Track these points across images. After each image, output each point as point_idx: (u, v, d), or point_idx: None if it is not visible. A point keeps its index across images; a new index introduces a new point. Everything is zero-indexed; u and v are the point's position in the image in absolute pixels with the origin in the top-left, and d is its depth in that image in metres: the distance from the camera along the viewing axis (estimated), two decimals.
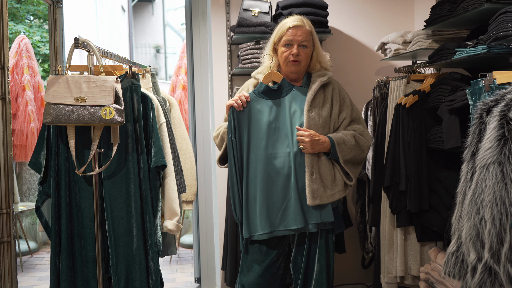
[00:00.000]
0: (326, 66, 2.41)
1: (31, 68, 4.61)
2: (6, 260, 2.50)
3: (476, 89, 1.96)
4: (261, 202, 2.26)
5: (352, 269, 3.60)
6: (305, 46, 2.31)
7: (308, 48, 2.32)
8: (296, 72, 2.34)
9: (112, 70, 2.48)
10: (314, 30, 2.37)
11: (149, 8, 14.17)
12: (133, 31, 11.79)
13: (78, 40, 2.29)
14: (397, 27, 3.56)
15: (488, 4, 2.14)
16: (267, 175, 2.26)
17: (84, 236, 2.36)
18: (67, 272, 2.34)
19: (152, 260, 2.37)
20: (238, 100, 2.28)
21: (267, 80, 2.32)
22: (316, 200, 2.23)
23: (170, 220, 2.40)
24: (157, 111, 2.43)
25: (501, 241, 1.58)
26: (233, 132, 2.27)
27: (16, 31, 5.43)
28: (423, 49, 2.78)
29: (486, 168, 1.64)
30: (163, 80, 12.71)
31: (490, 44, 2.07)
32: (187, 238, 4.94)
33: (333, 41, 3.51)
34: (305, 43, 2.30)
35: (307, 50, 2.32)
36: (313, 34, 2.35)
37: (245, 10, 3.14)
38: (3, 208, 2.50)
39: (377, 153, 2.94)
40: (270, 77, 2.32)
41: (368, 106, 3.28)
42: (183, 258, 4.61)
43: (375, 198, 2.90)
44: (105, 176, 2.33)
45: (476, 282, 1.63)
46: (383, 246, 2.81)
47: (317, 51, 2.37)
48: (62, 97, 2.21)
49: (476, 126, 1.76)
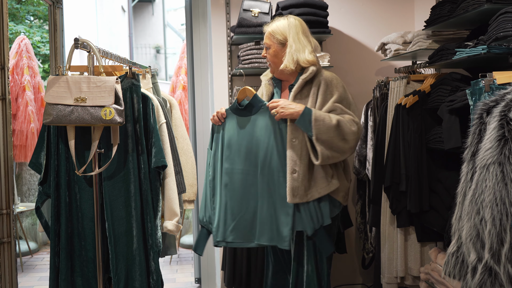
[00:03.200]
0: (308, 61, 2.33)
1: (31, 69, 4.61)
2: (6, 261, 2.50)
3: (476, 90, 1.96)
4: (230, 212, 2.35)
5: (353, 269, 3.60)
6: (268, 48, 2.40)
7: (271, 49, 2.38)
8: (273, 73, 2.45)
9: (112, 71, 2.48)
10: (283, 28, 2.35)
11: (149, 9, 14.18)
12: (133, 31, 11.80)
13: (78, 41, 2.29)
14: (397, 27, 3.57)
15: (488, 5, 2.14)
16: (232, 188, 2.35)
17: (84, 236, 2.36)
18: (67, 272, 2.34)
19: (153, 260, 2.37)
20: (215, 116, 2.40)
21: (242, 97, 2.41)
22: (295, 198, 2.22)
23: (170, 220, 2.40)
24: (157, 112, 2.43)
25: (501, 242, 1.58)
26: (210, 143, 2.47)
27: (16, 31, 5.43)
28: (423, 49, 2.78)
29: (486, 168, 1.64)
30: (163, 80, 12.71)
31: (490, 45, 2.07)
32: (187, 239, 4.94)
33: (333, 41, 3.51)
34: (267, 45, 2.40)
35: (270, 51, 2.39)
36: (279, 33, 2.35)
37: (245, 10, 3.14)
38: (3, 209, 2.50)
39: (377, 154, 2.94)
40: (244, 93, 2.40)
41: (368, 107, 3.28)
42: (183, 258, 4.61)
43: (375, 199, 2.90)
44: (105, 176, 2.33)
45: (476, 282, 1.63)
46: (383, 247, 2.81)
47: (290, 48, 2.33)
48: (62, 97, 2.21)
49: (476, 127, 1.76)
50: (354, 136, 2.24)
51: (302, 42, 2.34)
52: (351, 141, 2.24)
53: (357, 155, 3.30)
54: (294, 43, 2.33)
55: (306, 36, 2.38)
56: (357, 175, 3.33)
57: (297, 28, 2.36)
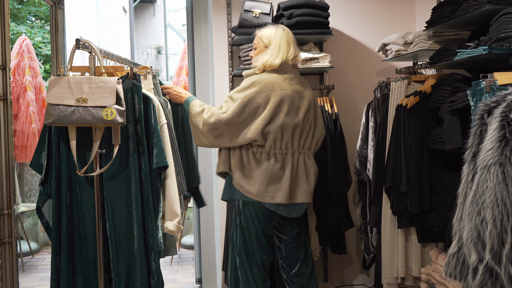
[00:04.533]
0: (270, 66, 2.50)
1: (33, 69, 4.61)
2: (8, 261, 2.51)
3: (477, 90, 1.96)
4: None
5: (353, 270, 3.60)
6: (255, 49, 2.64)
7: (257, 50, 2.62)
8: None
9: (114, 71, 2.48)
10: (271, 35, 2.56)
11: (150, 9, 14.18)
12: (134, 32, 11.81)
13: (80, 41, 2.29)
14: (398, 28, 3.56)
15: (489, 5, 2.14)
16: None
17: (85, 237, 2.36)
18: (68, 272, 2.34)
19: (154, 261, 2.37)
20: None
21: None
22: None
23: (171, 221, 2.40)
24: (158, 112, 2.43)
25: (502, 242, 1.58)
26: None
27: (17, 32, 5.44)
28: (424, 50, 2.77)
29: (487, 169, 1.64)
30: (164, 81, 12.71)
31: (491, 45, 2.07)
32: (188, 239, 4.94)
33: (334, 42, 3.51)
34: (255, 45, 2.65)
35: (256, 51, 2.63)
36: (266, 38, 2.57)
37: (246, 11, 3.14)
38: (5, 209, 2.50)
39: (378, 154, 2.94)
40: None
41: (369, 107, 3.28)
42: (184, 259, 4.61)
43: (376, 199, 2.90)
44: (106, 177, 2.34)
45: (477, 283, 1.63)
46: (384, 247, 2.81)
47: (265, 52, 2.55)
48: (64, 98, 2.22)
49: (477, 127, 1.76)
50: (203, 123, 2.47)
51: (281, 50, 2.52)
52: (200, 125, 2.49)
53: (358, 155, 3.30)
54: (271, 50, 2.53)
55: (288, 45, 2.55)
56: (358, 176, 3.33)
57: (282, 36, 2.55)
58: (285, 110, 2.47)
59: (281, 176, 2.49)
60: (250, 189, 2.47)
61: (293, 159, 2.52)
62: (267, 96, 2.45)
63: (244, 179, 2.49)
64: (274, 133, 2.45)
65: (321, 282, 3.52)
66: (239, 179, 2.49)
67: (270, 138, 2.46)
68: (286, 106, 2.47)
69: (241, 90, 2.48)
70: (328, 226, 3.09)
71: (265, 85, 2.46)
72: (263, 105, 2.44)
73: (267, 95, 2.45)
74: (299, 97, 2.52)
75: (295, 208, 2.56)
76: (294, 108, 2.50)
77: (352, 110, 3.56)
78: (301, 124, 2.52)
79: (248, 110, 2.44)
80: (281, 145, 2.49)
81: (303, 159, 2.56)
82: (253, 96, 2.44)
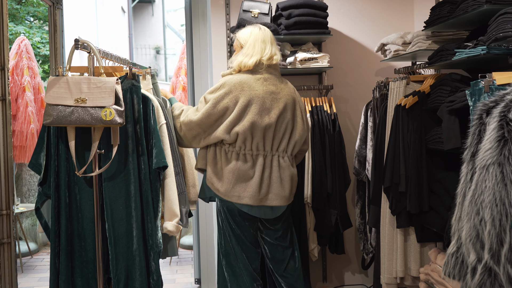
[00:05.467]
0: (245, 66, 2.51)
1: (31, 69, 4.61)
2: (6, 261, 2.51)
3: (476, 90, 1.96)
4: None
5: (352, 270, 3.60)
6: (235, 50, 2.67)
7: (236, 50, 2.64)
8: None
9: (112, 71, 2.48)
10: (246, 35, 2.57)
11: (149, 9, 14.18)
12: (133, 32, 11.80)
13: (79, 41, 2.29)
14: (396, 28, 3.57)
15: (487, 5, 2.14)
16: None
17: (84, 237, 2.36)
18: (67, 273, 2.34)
19: (153, 261, 2.37)
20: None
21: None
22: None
23: (170, 221, 2.40)
24: (157, 112, 2.43)
25: (501, 242, 1.59)
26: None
27: (16, 32, 5.43)
28: (422, 50, 2.78)
29: (486, 169, 1.64)
30: (163, 81, 12.72)
31: (490, 45, 2.07)
32: (187, 239, 4.94)
33: (333, 42, 3.51)
34: (234, 46, 2.66)
35: (235, 52, 2.64)
36: (238, 38, 2.61)
37: (245, 11, 3.14)
38: (3, 209, 2.50)
39: (377, 154, 2.94)
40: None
41: (368, 107, 3.28)
42: (183, 259, 4.61)
43: (375, 199, 2.90)
44: (105, 177, 2.33)
45: (476, 283, 1.64)
46: (383, 247, 2.81)
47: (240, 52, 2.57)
48: (63, 98, 2.21)
49: (476, 127, 1.76)
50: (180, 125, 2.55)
51: (255, 49, 2.51)
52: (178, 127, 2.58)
53: (357, 155, 3.30)
54: (246, 50, 2.53)
55: (264, 44, 2.53)
56: (357, 176, 3.33)
57: (256, 36, 2.54)
58: (255, 111, 2.42)
59: (250, 177, 2.45)
60: (219, 187, 2.47)
61: (264, 161, 2.47)
62: (235, 96, 2.43)
63: (215, 177, 2.49)
64: (243, 133, 2.42)
65: (319, 282, 3.52)
66: (210, 176, 2.50)
67: (240, 139, 2.44)
68: (256, 107, 2.43)
69: (212, 91, 2.49)
70: (326, 226, 3.09)
71: (234, 86, 2.44)
72: (231, 106, 2.43)
73: (236, 95, 2.43)
74: (273, 98, 2.47)
75: (269, 211, 2.51)
76: (265, 109, 2.44)
77: (351, 110, 3.56)
78: (273, 126, 2.46)
79: (217, 111, 2.43)
80: (251, 146, 2.46)
81: (277, 162, 2.50)
82: (221, 97, 2.44)
